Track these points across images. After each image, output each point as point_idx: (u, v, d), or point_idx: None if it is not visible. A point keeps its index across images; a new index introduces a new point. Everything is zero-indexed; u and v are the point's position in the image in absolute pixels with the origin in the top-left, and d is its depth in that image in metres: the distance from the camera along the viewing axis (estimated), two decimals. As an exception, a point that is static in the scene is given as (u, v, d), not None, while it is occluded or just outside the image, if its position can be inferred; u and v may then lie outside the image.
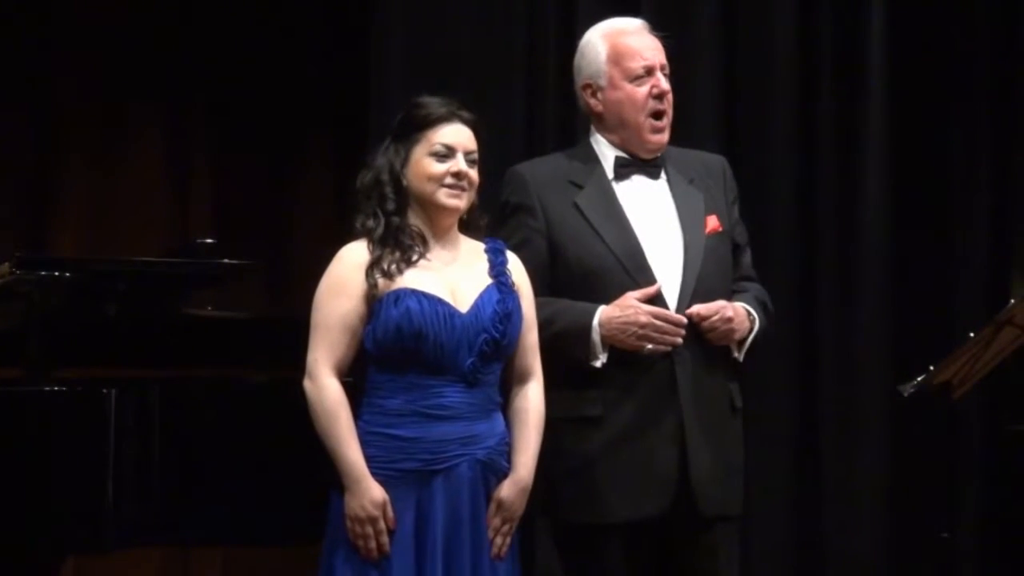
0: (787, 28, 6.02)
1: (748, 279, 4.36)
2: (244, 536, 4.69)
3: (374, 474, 3.81)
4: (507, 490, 3.91)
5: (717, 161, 4.44)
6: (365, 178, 3.93)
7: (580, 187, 4.25)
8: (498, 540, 3.90)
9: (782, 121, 6.01)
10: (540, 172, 4.32)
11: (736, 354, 4.23)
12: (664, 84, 4.27)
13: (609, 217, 4.22)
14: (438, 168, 3.89)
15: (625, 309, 4.12)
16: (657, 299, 4.16)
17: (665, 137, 4.29)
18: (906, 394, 4.95)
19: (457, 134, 3.92)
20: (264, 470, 4.53)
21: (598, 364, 4.14)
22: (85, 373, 4.66)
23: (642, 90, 4.26)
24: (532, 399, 3.98)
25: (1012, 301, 4.84)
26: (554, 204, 4.24)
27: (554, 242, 4.22)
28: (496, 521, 3.89)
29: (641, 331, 4.10)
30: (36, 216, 6.52)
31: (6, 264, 4.47)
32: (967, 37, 6.07)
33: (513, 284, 3.97)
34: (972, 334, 4.88)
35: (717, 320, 4.15)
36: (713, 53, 5.96)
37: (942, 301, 5.98)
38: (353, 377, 3.91)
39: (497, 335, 3.88)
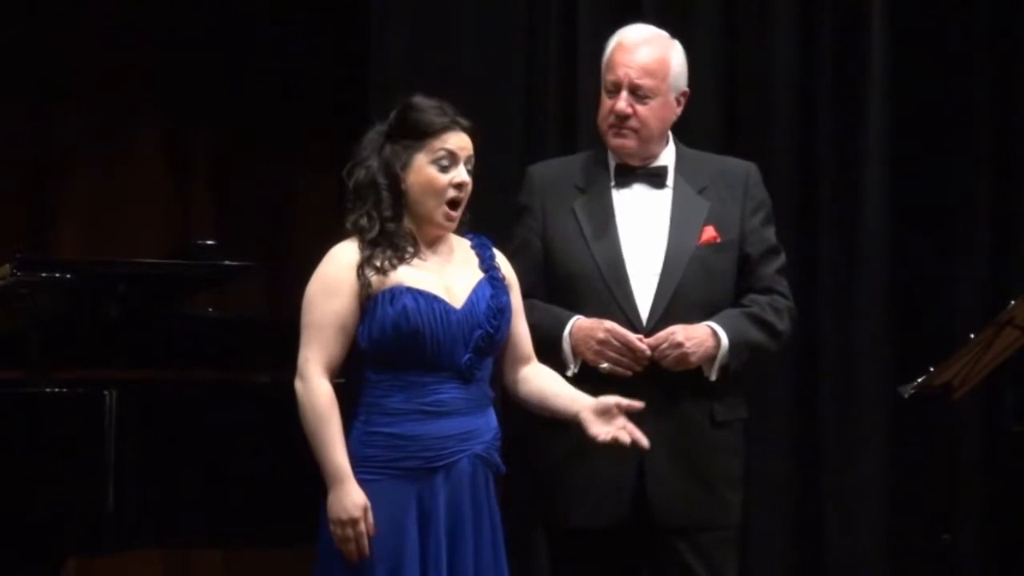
0: (788, 29, 6.02)
1: (767, 290, 4.31)
2: (245, 538, 4.70)
3: (375, 473, 3.82)
4: (595, 406, 3.91)
5: (741, 169, 4.41)
6: (360, 176, 3.92)
7: (582, 192, 4.27)
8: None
9: (782, 122, 6.01)
10: (549, 174, 4.37)
11: (706, 374, 4.21)
12: (620, 104, 4.26)
13: (599, 224, 4.24)
14: (442, 179, 3.89)
15: (594, 322, 4.15)
16: (628, 309, 4.17)
17: (627, 143, 4.28)
18: (906, 395, 4.94)
19: (458, 141, 3.91)
20: (265, 471, 4.54)
21: (569, 373, 4.18)
22: (85, 374, 4.66)
23: (607, 104, 4.29)
24: (542, 369, 4.03)
25: (1012, 302, 4.84)
26: (554, 207, 4.28)
27: (547, 244, 4.26)
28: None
29: (597, 346, 4.12)
30: (36, 217, 6.52)
31: (7, 266, 4.47)
32: (968, 39, 6.07)
33: (504, 278, 3.98)
34: (973, 335, 4.88)
35: (666, 347, 4.14)
36: (713, 54, 5.95)
37: (942, 302, 5.97)
38: (345, 377, 3.91)
39: (491, 330, 3.90)
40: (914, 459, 5.85)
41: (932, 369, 4.91)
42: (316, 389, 3.83)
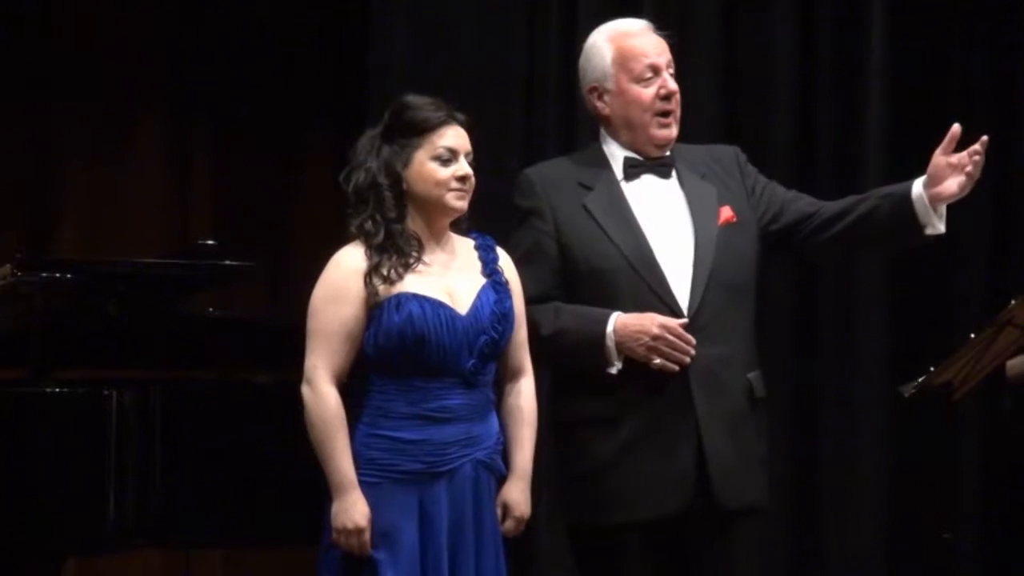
0: (787, 28, 6.03)
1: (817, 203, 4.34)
2: (245, 537, 4.70)
3: (377, 476, 3.82)
4: (514, 492, 3.93)
5: (729, 152, 4.41)
6: (359, 179, 3.90)
7: (589, 189, 4.25)
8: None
9: (782, 121, 6.01)
10: (549, 175, 4.30)
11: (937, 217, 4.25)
12: (671, 84, 4.25)
13: (617, 217, 4.20)
14: (444, 173, 3.87)
15: (641, 318, 4.11)
16: (666, 297, 4.16)
17: (673, 132, 4.27)
18: (907, 395, 4.93)
19: (457, 137, 3.90)
20: (265, 471, 4.54)
21: (613, 371, 4.13)
22: (86, 374, 4.66)
23: (649, 91, 4.24)
24: (525, 396, 3.99)
25: (1013, 302, 4.83)
26: (563, 206, 4.23)
27: (563, 244, 4.20)
28: (510, 524, 3.92)
29: (652, 342, 4.08)
30: (37, 216, 6.52)
31: (7, 266, 4.48)
32: (967, 35, 6.07)
33: (506, 282, 3.97)
34: (973, 335, 4.88)
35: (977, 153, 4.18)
36: (713, 53, 5.96)
37: (942, 301, 5.97)
38: (351, 379, 3.90)
39: (496, 335, 3.89)
40: (914, 459, 5.85)
41: (932, 369, 4.90)
42: (324, 398, 3.82)
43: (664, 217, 4.23)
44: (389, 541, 3.80)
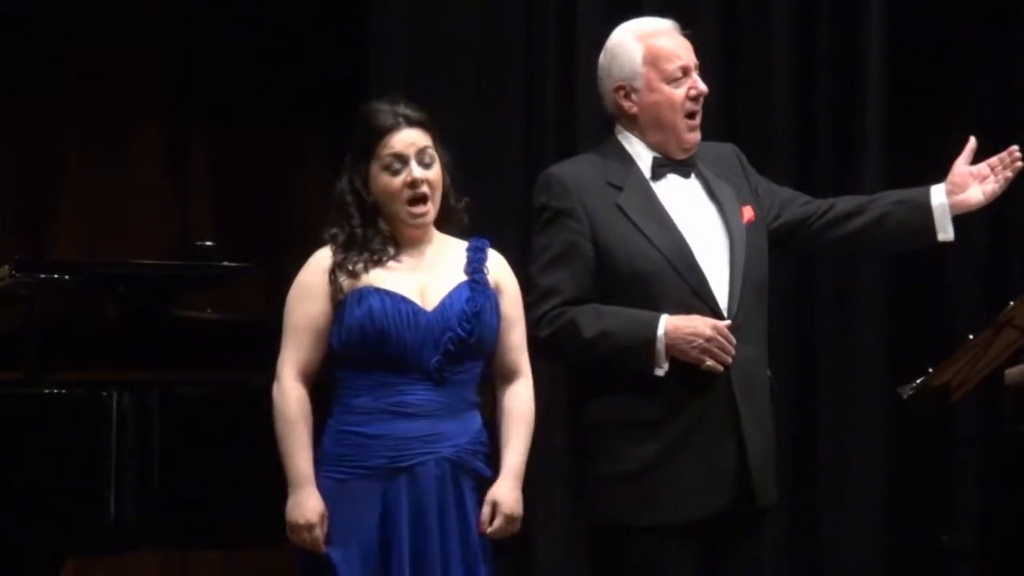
0: (787, 28, 6.04)
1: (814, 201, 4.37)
2: (243, 539, 4.70)
3: (345, 472, 3.84)
4: (502, 489, 3.91)
5: (729, 150, 4.41)
6: (335, 194, 3.94)
7: (619, 188, 4.21)
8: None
9: (782, 121, 6.02)
10: (578, 174, 4.24)
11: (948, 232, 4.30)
12: (701, 85, 4.24)
13: (653, 217, 4.17)
14: (395, 182, 3.87)
15: (692, 320, 4.08)
16: (707, 298, 4.15)
17: (699, 136, 4.26)
18: (905, 396, 4.94)
19: (403, 140, 3.88)
20: (264, 472, 4.53)
21: (661, 373, 4.10)
22: (85, 375, 4.66)
23: (680, 92, 4.22)
24: (519, 398, 3.97)
25: (1012, 303, 4.84)
26: (596, 207, 4.17)
27: (599, 245, 4.16)
28: (499, 522, 3.89)
29: (706, 344, 4.07)
30: (36, 217, 6.53)
31: (5, 267, 4.48)
32: (967, 35, 6.08)
33: (490, 282, 3.94)
34: (971, 336, 4.88)
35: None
36: (713, 53, 5.96)
37: (941, 302, 5.98)
38: (324, 375, 3.93)
39: (463, 334, 3.86)
40: (912, 460, 5.86)
41: (931, 370, 4.90)
42: (286, 394, 3.87)
43: (697, 217, 4.21)
44: (351, 539, 3.82)
